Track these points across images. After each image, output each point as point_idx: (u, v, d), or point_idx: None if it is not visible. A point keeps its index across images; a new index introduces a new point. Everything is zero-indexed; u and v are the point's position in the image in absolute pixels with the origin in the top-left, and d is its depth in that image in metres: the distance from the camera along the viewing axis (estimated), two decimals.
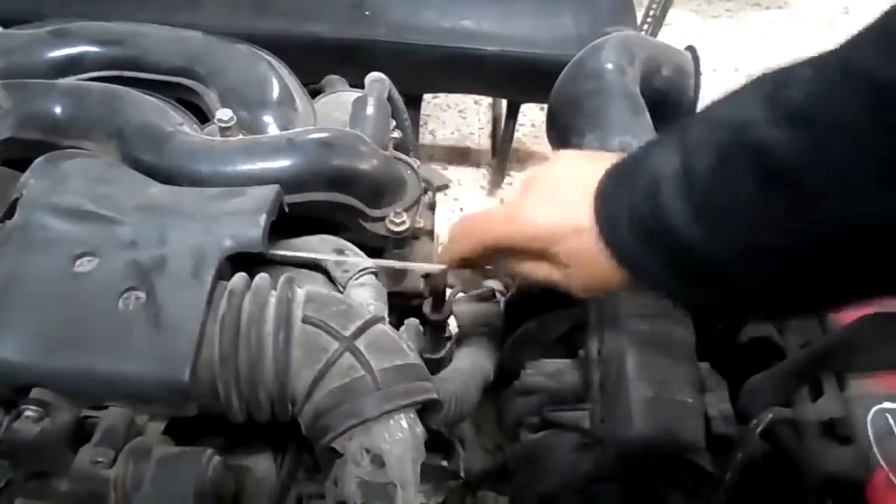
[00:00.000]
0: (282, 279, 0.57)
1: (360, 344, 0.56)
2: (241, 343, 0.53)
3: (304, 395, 0.54)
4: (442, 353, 0.78)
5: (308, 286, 0.58)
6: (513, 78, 1.43)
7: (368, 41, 1.36)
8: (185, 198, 0.57)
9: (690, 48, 0.95)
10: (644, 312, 0.63)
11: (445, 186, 0.82)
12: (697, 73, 0.93)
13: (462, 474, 0.93)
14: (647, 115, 0.81)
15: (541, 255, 0.52)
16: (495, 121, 2.01)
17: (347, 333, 0.55)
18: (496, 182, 1.87)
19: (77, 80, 0.70)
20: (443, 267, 0.63)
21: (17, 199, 0.56)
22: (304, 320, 0.55)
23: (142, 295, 0.51)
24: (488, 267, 0.72)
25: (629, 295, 0.63)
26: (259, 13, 1.38)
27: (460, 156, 1.99)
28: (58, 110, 0.64)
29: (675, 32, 2.20)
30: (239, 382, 0.53)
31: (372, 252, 0.69)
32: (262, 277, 0.57)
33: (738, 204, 0.38)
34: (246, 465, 0.61)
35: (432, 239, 0.76)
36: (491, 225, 0.56)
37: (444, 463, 0.90)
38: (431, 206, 0.78)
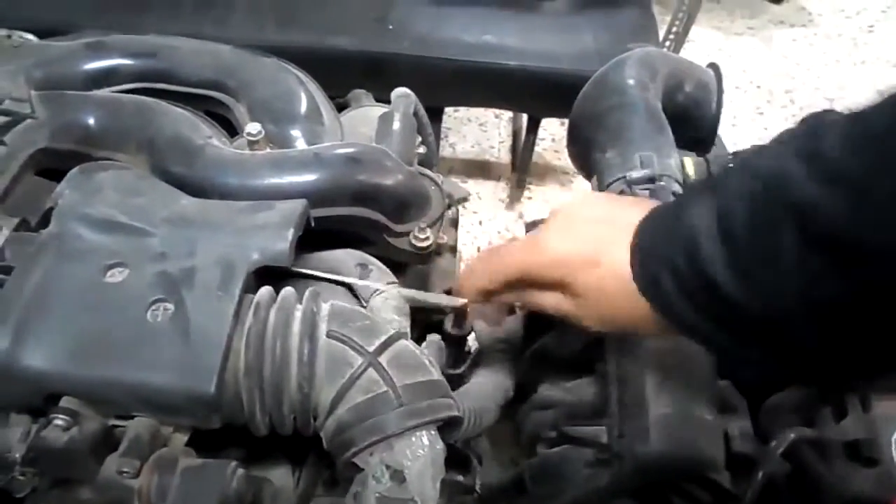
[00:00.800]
0: (307, 293, 0.58)
1: (384, 359, 0.56)
2: (266, 356, 0.53)
3: (326, 409, 0.55)
4: (462, 369, 0.78)
5: (332, 301, 0.58)
6: (534, 93, 1.44)
7: (391, 55, 1.38)
8: (214, 210, 0.58)
9: (713, 65, 0.95)
10: None
11: (465, 199, 0.83)
12: (720, 90, 0.92)
13: (478, 489, 0.93)
14: (669, 131, 0.82)
15: (557, 285, 0.53)
16: (515, 135, 2.01)
17: (371, 349, 0.56)
18: (515, 196, 1.88)
19: (111, 91, 0.71)
20: (463, 301, 0.65)
21: (51, 209, 0.58)
22: (329, 335, 0.55)
23: (170, 306, 0.52)
24: (508, 300, 0.72)
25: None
26: (284, 27, 1.40)
27: (480, 169, 2.00)
28: (91, 121, 0.66)
29: (698, 49, 2.20)
30: (263, 395, 0.54)
31: (395, 267, 0.70)
32: (287, 291, 0.57)
33: (780, 261, 0.38)
34: (264, 477, 0.61)
35: (455, 255, 0.76)
36: (511, 255, 0.57)
37: (461, 478, 0.91)
38: (454, 222, 0.78)
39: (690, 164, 0.80)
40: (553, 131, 2.02)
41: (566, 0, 1.54)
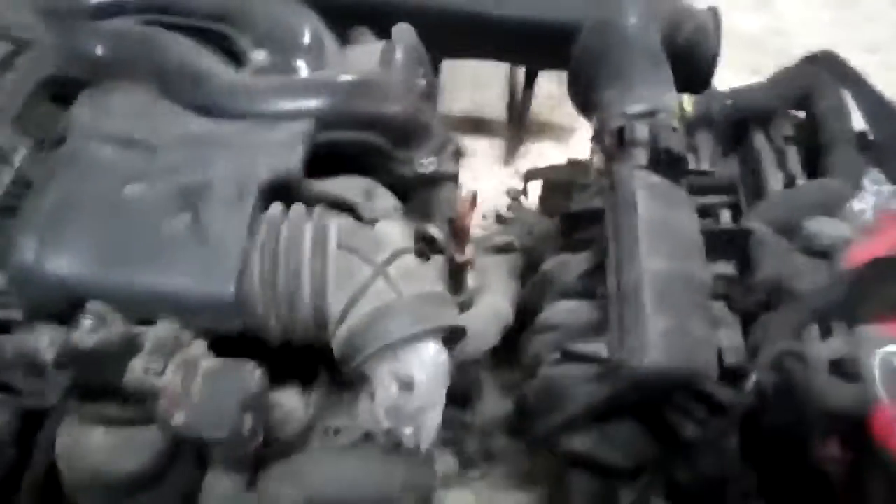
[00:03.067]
0: (316, 209, 0.60)
1: (391, 271, 0.58)
2: (279, 266, 0.55)
3: (337, 317, 0.57)
4: (463, 297, 0.81)
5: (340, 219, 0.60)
6: (533, 42, 1.44)
7: (388, 3, 1.37)
8: (223, 129, 0.60)
9: (712, 9, 0.96)
10: (662, 251, 0.65)
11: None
12: (718, 33, 0.94)
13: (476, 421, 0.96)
14: (669, 69, 0.83)
15: None
16: (512, 91, 2.01)
17: (379, 260, 0.58)
18: (511, 152, 1.88)
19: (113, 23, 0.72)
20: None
21: (65, 129, 0.59)
22: (340, 245, 0.58)
23: (187, 217, 0.54)
24: None
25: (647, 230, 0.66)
26: None
27: (476, 126, 2.00)
28: (98, 50, 0.67)
29: None
30: (278, 304, 0.56)
31: (400, 195, 0.72)
32: (298, 206, 0.59)
33: None
34: (275, 398, 0.63)
35: (456, 184, 0.78)
36: None
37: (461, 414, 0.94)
38: (457, 153, 0.80)
39: (688, 101, 0.82)
40: (549, 88, 2.02)
41: None
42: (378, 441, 0.64)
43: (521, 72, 1.75)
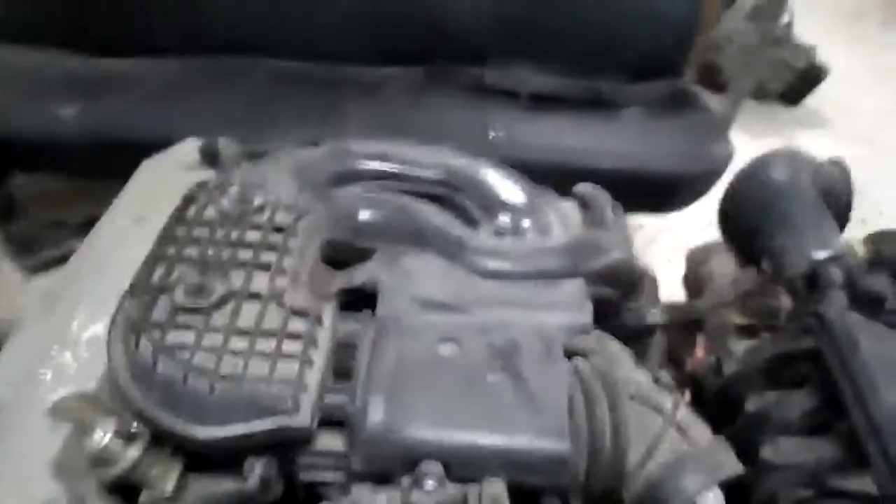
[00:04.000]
0: (599, 361, 0.63)
1: (678, 418, 0.61)
2: (581, 418, 0.58)
3: (636, 465, 0.59)
4: None
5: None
6: (626, 191, 1.55)
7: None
8: (512, 291, 0.65)
9: (836, 161, 1.07)
10: None
11: None
12: (849, 181, 1.03)
13: None
14: (830, 216, 0.91)
15: None
16: None
17: (668, 409, 0.61)
18: None
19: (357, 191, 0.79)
20: None
21: (359, 289, 0.64)
22: (632, 397, 0.61)
23: (507, 374, 0.57)
24: None
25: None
26: (394, 134, 1.51)
27: None
28: (362, 216, 0.73)
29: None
30: (580, 456, 0.58)
31: (626, 342, 0.76)
32: (579, 360, 0.63)
33: None
34: None
35: (664, 333, 0.83)
36: None
37: None
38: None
39: (858, 243, 0.89)
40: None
41: (641, 108, 1.69)
42: None
43: None
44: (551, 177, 1.51)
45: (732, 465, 0.61)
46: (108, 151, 1.55)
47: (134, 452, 0.56)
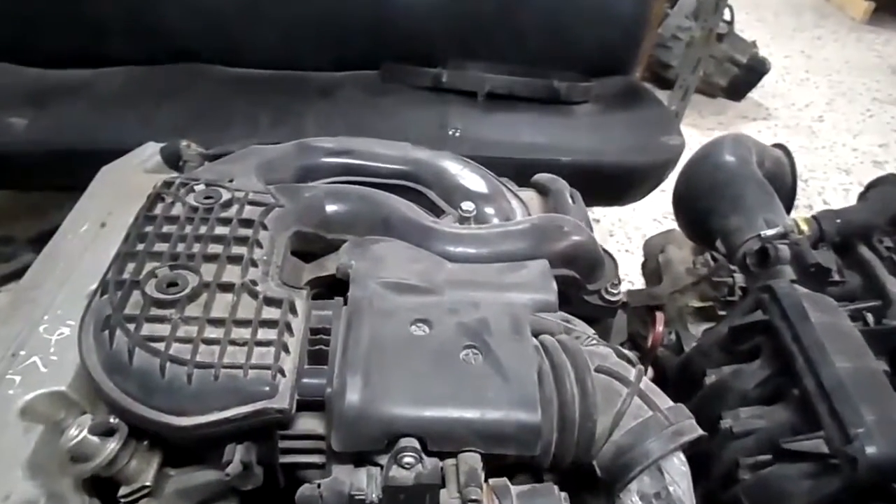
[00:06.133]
0: (566, 339, 0.66)
1: (642, 387, 0.64)
2: (551, 391, 0.60)
3: (605, 434, 0.62)
4: None
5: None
6: (586, 184, 1.59)
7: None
8: (479, 272, 0.67)
9: (781, 146, 1.12)
10: (844, 352, 0.74)
11: None
12: (793, 164, 1.09)
13: None
14: (777, 197, 0.96)
15: None
16: None
17: (632, 379, 0.64)
18: None
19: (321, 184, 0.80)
20: None
21: (331, 276, 0.65)
22: (597, 370, 0.63)
23: (478, 351, 0.59)
24: None
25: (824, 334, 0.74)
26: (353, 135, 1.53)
27: None
28: (328, 208, 0.74)
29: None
30: (551, 426, 0.60)
31: (588, 323, 0.78)
32: (546, 336, 0.65)
33: None
34: None
35: (625, 313, 0.86)
36: None
37: None
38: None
39: (803, 222, 0.94)
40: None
41: (594, 105, 1.74)
42: None
43: None
44: (511, 173, 1.55)
45: (694, 430, 0.64)
46: (60, 161, 1.52)
47: (112, 445, 0.56)
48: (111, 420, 0.57)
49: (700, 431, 0.65)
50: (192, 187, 0.72)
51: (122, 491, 0.59)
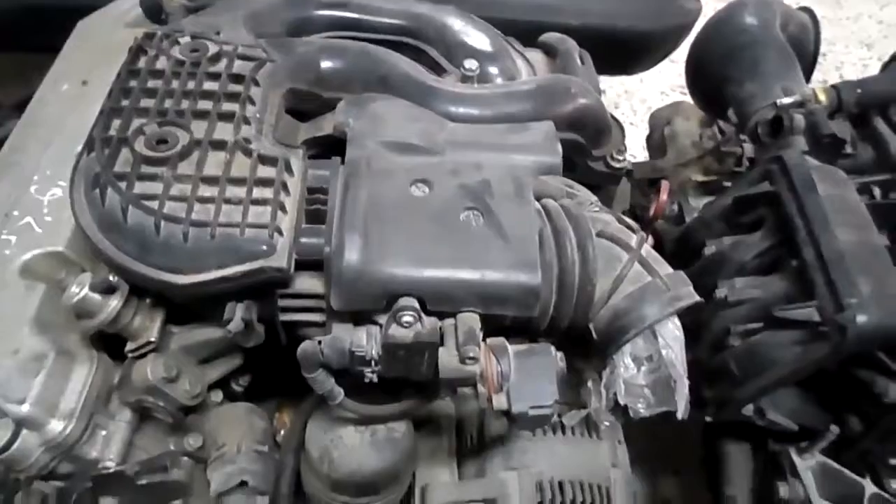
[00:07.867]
0: (568, 203, 0.64)
1: (643, 253, 0.63)
2: (561, 254, 0.59)
3: (602, 299, 0.62)
4: None
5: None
6: (595, 50, 1.51)
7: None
8: (482, 133, 0.64)
9: (807, 9, 1.05)
10: (848, 224, 0.73)
11: None
12: (817, 29, 1.02)
13: None
14: (797, 63, 0.91)
15: None
16: None
17: (633, 245, 0.63)
18: None
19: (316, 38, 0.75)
20: None
21: (328, 136, 0.63)
22: (599, 234, 0.62)
23: (479, 213, 0.58)
24: None
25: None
26: None
27: None
28: (323, 64, 0.70)
29: None
30: (551, 289, 0.60)
31: (590, 189, 0.77)
32: (549, 201, 0.64)
33: None
34: None
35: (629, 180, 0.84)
36: None
37: None
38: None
39: (821, 91, 0.89)
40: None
41: None
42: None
43: None
44: (519, 35, 1.47)
45: (691, 296, 0.65)
46: (38, 17, 1.44)
47: (114, 303, 0.57)
48: (111, 278, 0.57)
49: (697, 298, 0.65)
50: (177, 39, 0.68)
51: (129, 346, 0.60)
